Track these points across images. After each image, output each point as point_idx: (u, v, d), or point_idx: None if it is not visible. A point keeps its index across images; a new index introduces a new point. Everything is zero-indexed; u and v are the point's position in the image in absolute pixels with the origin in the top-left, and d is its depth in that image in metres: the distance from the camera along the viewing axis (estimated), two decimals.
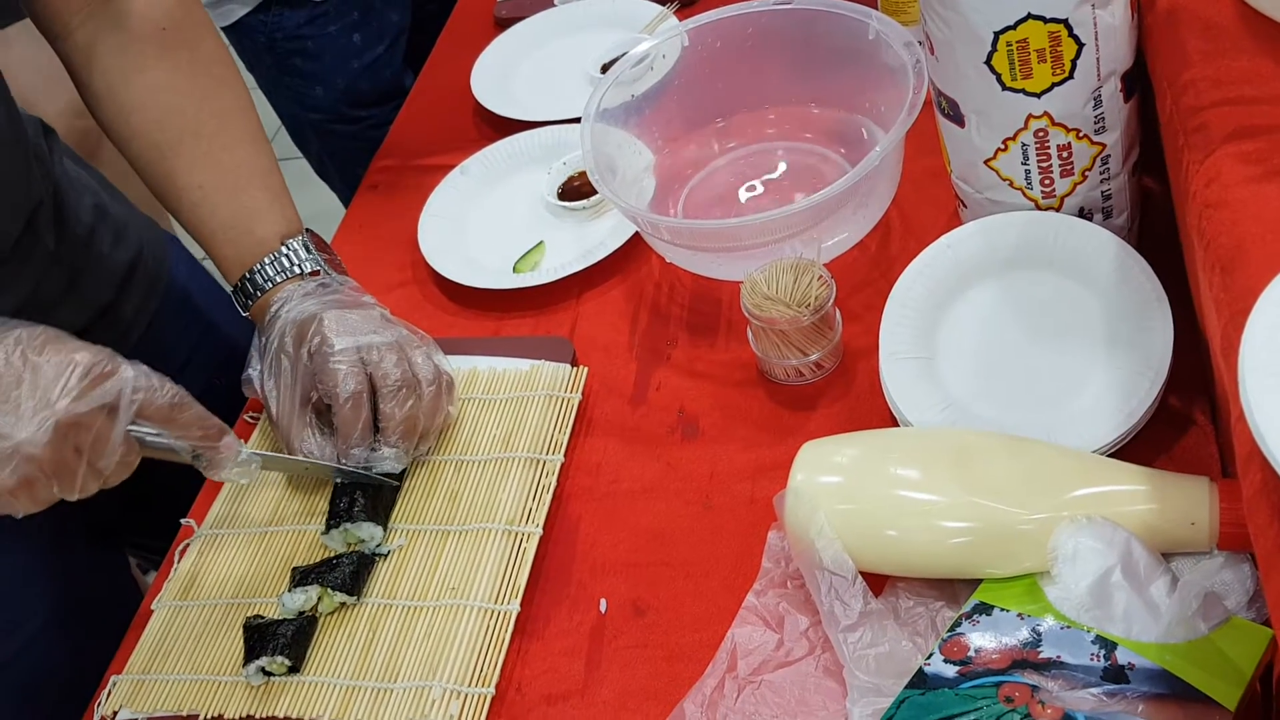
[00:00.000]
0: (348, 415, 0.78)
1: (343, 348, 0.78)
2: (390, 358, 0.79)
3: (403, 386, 0.79)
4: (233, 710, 0.74)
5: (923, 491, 0.67)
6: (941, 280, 0.78)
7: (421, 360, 0.81)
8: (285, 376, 0.80)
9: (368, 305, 0.83)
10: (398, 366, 0.79)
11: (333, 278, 0.85)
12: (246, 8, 1.36)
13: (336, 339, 0.79)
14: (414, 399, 0.79)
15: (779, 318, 0.80)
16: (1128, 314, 0.72)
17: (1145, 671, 0.57)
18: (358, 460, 0.79)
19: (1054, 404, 0.72)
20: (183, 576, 0.83)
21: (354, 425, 0.78)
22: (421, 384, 0.80)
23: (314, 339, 0.79)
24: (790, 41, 0.96)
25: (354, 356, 0.78)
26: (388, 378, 0.79)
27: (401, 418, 0.79)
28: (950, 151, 0.80)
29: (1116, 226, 0.77)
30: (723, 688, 0.67)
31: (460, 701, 0.70)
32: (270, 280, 0.84)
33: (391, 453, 0.79)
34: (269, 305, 0.83)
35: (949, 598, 0.67)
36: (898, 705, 0.60)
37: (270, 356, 0.81)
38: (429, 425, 0.81)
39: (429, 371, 0.81)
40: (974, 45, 0.70)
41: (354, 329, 0.79)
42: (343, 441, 0.79)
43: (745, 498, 0.77)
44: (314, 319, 0.80)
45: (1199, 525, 0.62)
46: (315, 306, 0.81)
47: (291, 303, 0.82)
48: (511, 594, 0.75)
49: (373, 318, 0.81)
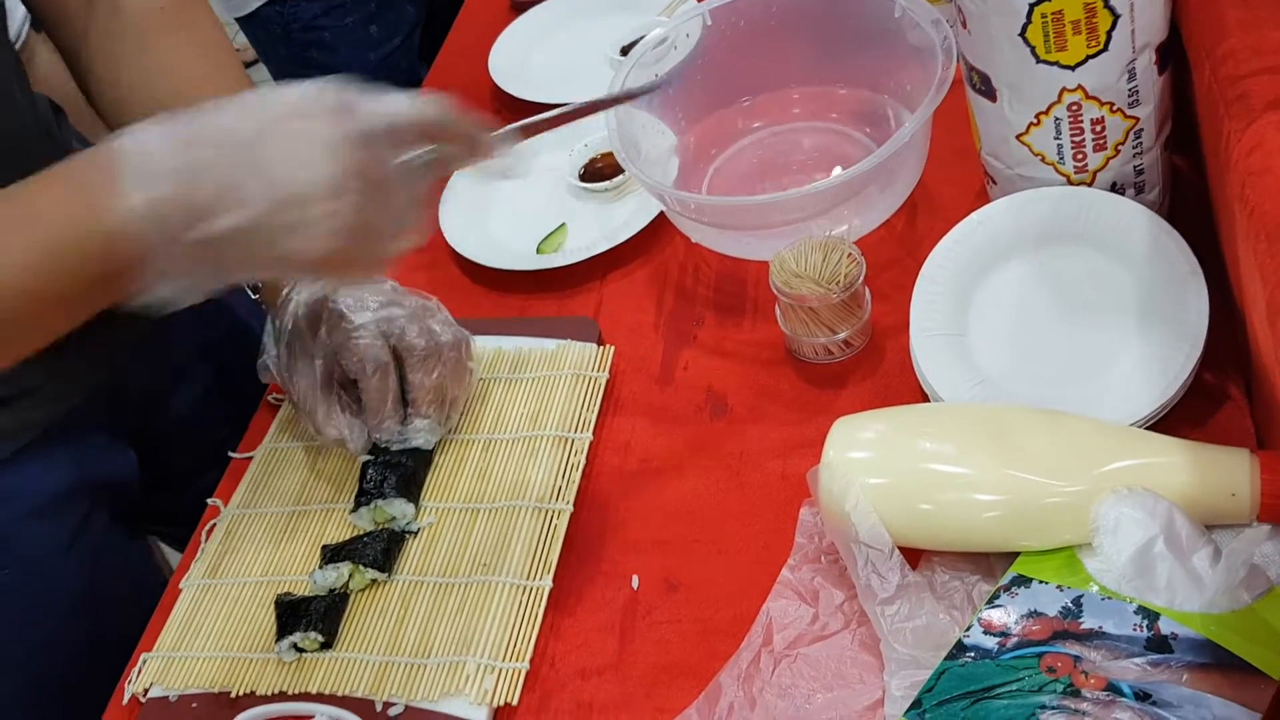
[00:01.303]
0: (376, 387, 0.78)
1: (363, 322, 0.79)
2: (412, 328, 0.79)
3: (429, 355, 0.79)
4: (265, 686, 0.73)
5: (957, 465, 0.67)
6: (973, 256, 0.78)
7: (440, 327, 0.81)
8: (304, 358, 0.80)
9: (377, 280, 0.83)
10: (421, 336, 0.79)
11: None
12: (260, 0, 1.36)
13: (355, 314, 0.79)
14: (440, 366, 0.80)
15: (808, 295, 0.79)
16: (1162, 288, 0.72)
17: (1189, 641, 0.57)
18: (390, 435, 0.80)
19: (1088, 379, 0.72)
20: (210, 556, 0.83)
21: (384, 398, 0.79)
22: (444, 350, 0.80)
23: (331, 317, 0.79)
24: (814, 20, 0.96)
25: (375, 330, 0.79)
26: (413, 348, 0.79)
27: (431, 385, 0.79)
28: (980, 127, 0.79)
29: (1149, 202, 0.77)
30: (758, 661, 0.67)
31: (495, 676, 0.70)
32: None
33: (425, 424, 0.80)
34: (280, 287, 0.83)
35: (984, 572, 0.67)
36: (937, 676, 0.60)
37: (286, 339, 0.81)
38: (456, 391, 0.82)
39: (449, 336, 0.81)
40: (1008, 17, 0.70)
41: (370, 303, 0.79)
42: (373, 416, 0.79)
43: (776, 475, 0.77)
44: (327, 300, 0.80)
45: (1240, 497, 0.61)
46: (327, 286, 0.81)
47: (303, 283, 0.82)
48: (543, 570, 0.75)
49: (385, 291, 0.81)
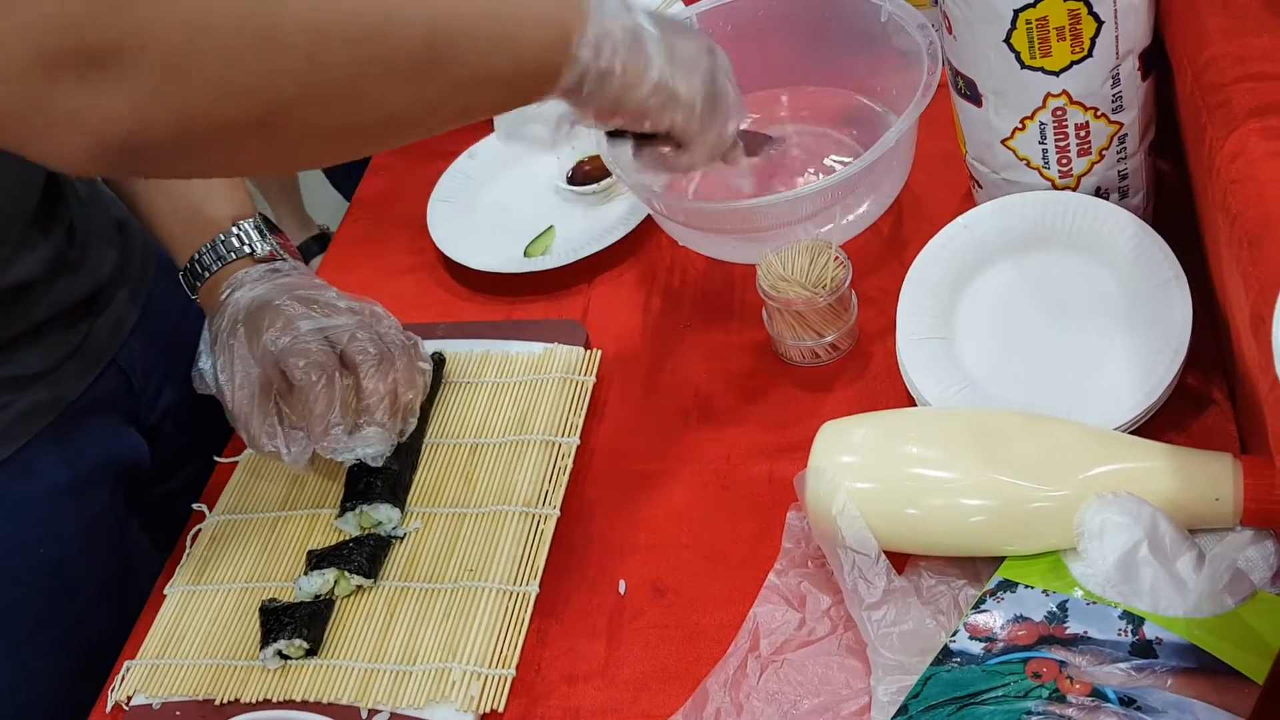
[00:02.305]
0: (320, 395, 0.75)
1: (309, 329, 0.76)
2: (361, 334, 0.77)
3: (381, 360, 0.77)
4: (249, 694, 0.73)
5: (943, 469, 0.67)
6: (959, 260, 0.78)
7: (389, 332, 0.79)
8: (240, 365, 0.77)
9: (322, 286, 0.81)
10: (371, 342, 0.77)
11: (286, 262, 0.83)
12: None
13: (300, 322, 0.76)
14: (393, 371, 0.78)
15: (795, 299, 0.80)
16: (1146, 293, 0.72)
17: (1173, 646, 0.57)
18: (334, 444, 0.76)
19: (1072, 383, 0.72)
20: (195, 561, 0.82)
21: (330, 405, 0.75)
22: (395, 353, 0.78)
23: (275, 323, 0.76)
24: (801, 24, 0.96)
25: (320, 336, 0.77)
26: (365, 352, 0.77)
27: (385, 391, 0.77)
28: (966, 132, 0.80)
29: (1133, 206, 0.77)
30: (745, 667, 0.67)
31: (481, 682, 0.70)
32: (220, 260, 0.82)
33: (377, 432, 0.77)
34: (218, 289, 0.81)
35: (971, 576, 0.67)
36: (924, 682, 0.60)
37: (222, 345, 0.78)
38: (410, 395, 0.79)
39: (399, 340, 0.79)
40: (993, 23, 0.70)
41: (315, 310, 0.77)
42: (317, 424, 0.76)
43: (763, 479, 0.77)
44: (269, 304, 0.77)
45: (1223, 501, 0.62)
46: (268, 291, 0.79)
47: (242, 288, 0.80)
48: (530, 576, 0.75)
49: (331, 298, 0.80)
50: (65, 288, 0.83)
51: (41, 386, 0.81)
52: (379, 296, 0.96)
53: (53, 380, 0.82)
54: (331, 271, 1.04)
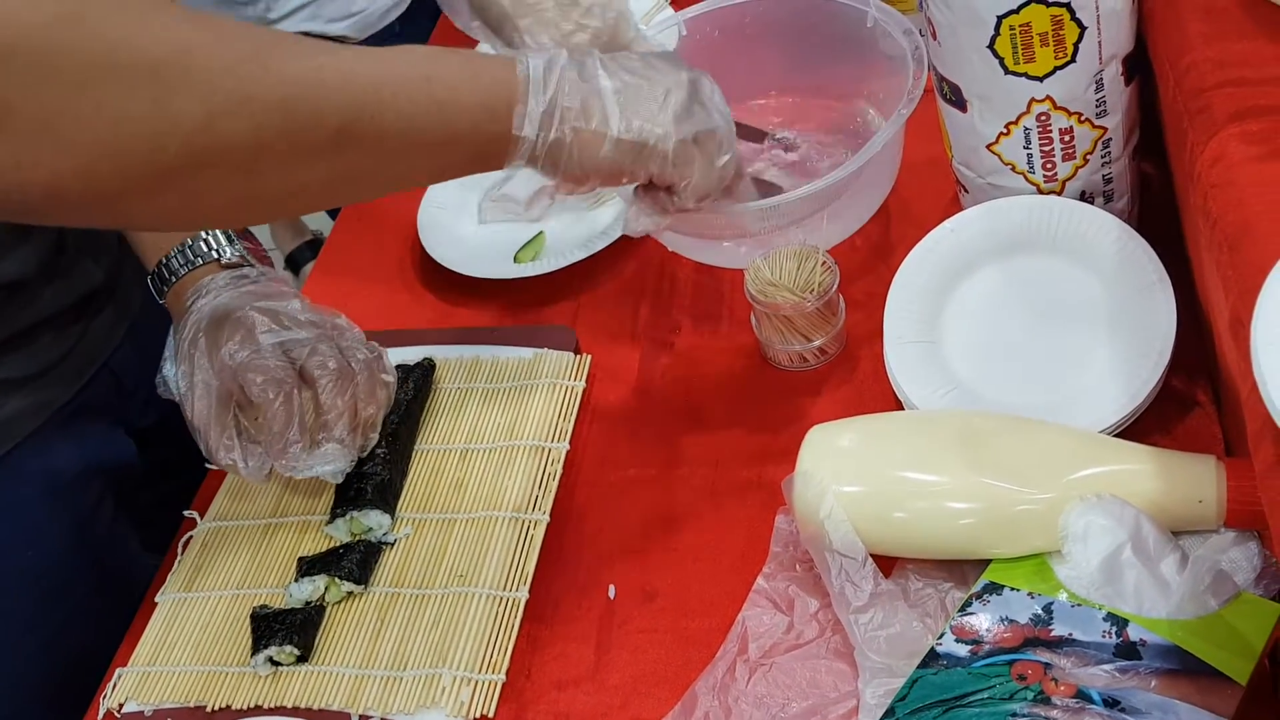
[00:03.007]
0: (278, 413, 0.74)
1: (269, 344, 0.75)
2: (321, 348, 0.76)
3: (341, 375, 0.76)
4: (240, 700, 0.73)
5: (930, 473, 0.67)
6: (945, 264, 0.78)
7: (351, 345, 0.78)
8: (201, 375, 0.76)
9: (287, 296, 0.80)
10: (331, 356, 0.76)
11: (254, 269, 0.83)
12: None
13: (261, 335, 0.75)
14: (352, 386, 0.77)
15: (783, 303, 0.80)
16: (1130, 296, 0.73)
17: (1157, 647, 0.58)
18: (293, 462, 0.75)
19: (1058, 386, 0.73)
20: (186, 568, 0.82)
21: (288, 423, 0.75)
22: (355, 368, 0.77)
23: (235, 335, 0.76)
24: (788, 29, 0.97)
25: (279, 352, 0.76)
26: (325, 367, 0.76)
27: (344, 407, 0.76)
28: (951, 137, 0.80)
29: (1117, 210, 0.78)
30: (734, 671, 0.67)
31: (471, 688, 0.70)
32: (188, 264, 0.81)
33: (336, 448, 0.76)
34: (183, 295, 0.80)
35: (958, 579, 0.68)
36: (910, 685, 0.61)
37: (184, 354, 0.78)
38: (371, 410, 0.78)
39: (362, 354, 0.78)
40: (977, 29, 0.70)
41: (276, 323, 0.76)
42: (275, 441, 0.75)
43: (751, 483, 0.78)
44: (230, 314, 0.77)
45: (1207, 503, 0.62)
46: (232, 300, 0.78)
47: (206, 296, 0.79)
48: (520, 581, 0.75)
49: (294, 310, 0.78)
50: (57, 291, 0.83)
51: (30, 390, 0.81)
52: (369, 302, 0.97)
53: (42, 384, 0.82)
54: (322, 277, 1.04)
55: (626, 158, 0.64)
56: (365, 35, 1.38)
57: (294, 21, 1.33)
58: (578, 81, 0.62)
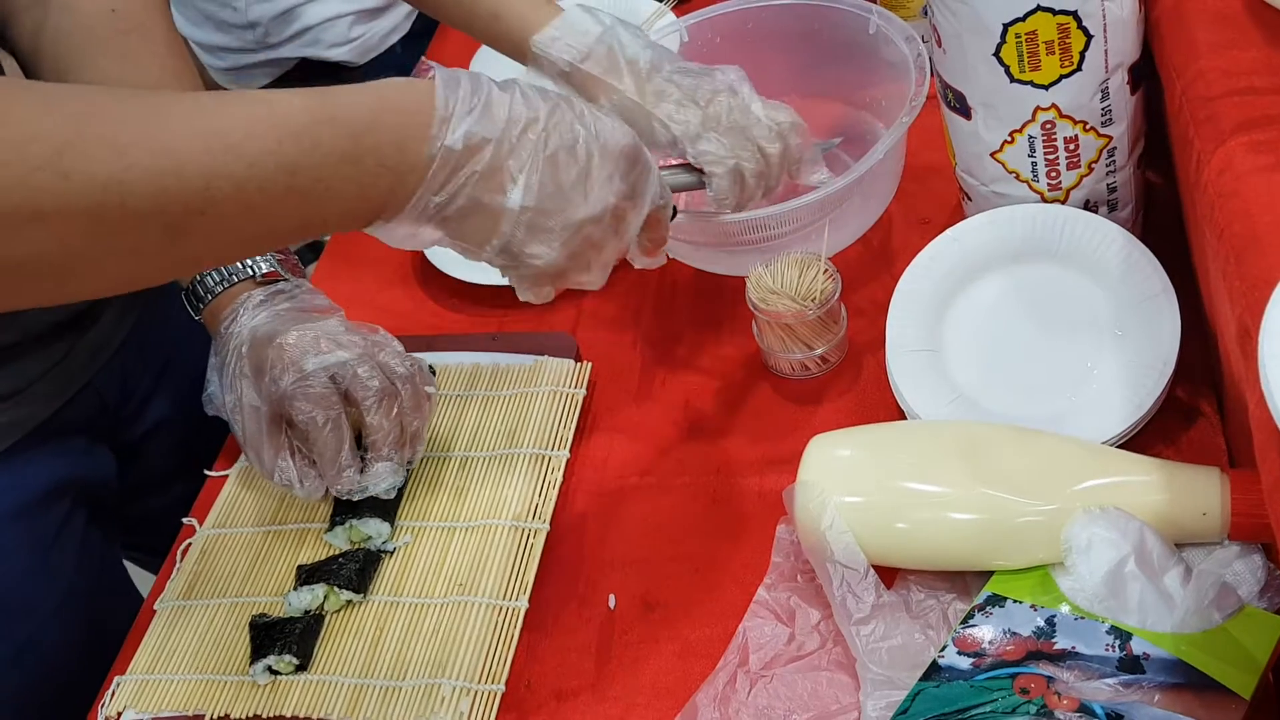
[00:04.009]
0: (328, 440, 0.75)
1: (312, 370, 0.75)
2: (363, 369, 0.76)
3: (384, 395, 0.76)
4: (239, 710, 0.73)
5: (932, 483, 0.67)
6: (948, 273, 0.78)
7: (393, 360, 0.78)
8: (248, 399, 0.77)
9: (325, 311, 0.80)
10: (374, 376, 0.76)
11: (289, 281, 0.82)
12: (269, 79, 1.33)
13: (304, 361, 0.75)
14: (397, 404, 0.77)
15: (785, 311, 0.80)
16: (1134, 306, 0.72)
17: (1160, 661, 0.57)
18: (348, 485, 0.77)
19: (1061, 396, 0.73)
20: (185, 576, 0.82)
21: (339, 450, 0.75)
22: (398, 385, 0.77)
23: (277, 364, 0.75)
24: (790, 36, 0.96)
25: (323, 378, 0.75)
26: (367, 389, 0.75)
27: (390, 426, 0.76)
28: (955, 145, 0.80)
29: (1121, 219, 0.78)
30: (735, 682, 0.67)
31: (470, 698, 0.70)
32: (222, 282, 0.81)
33: (387, 467, 0.77)
34: (220, 314, 0.80)
35: (960, 590, 0.67)
36: (912, 698, 0.60)
37: (230, 378, 0.78)
38: (417, 424, 0.78)
39: (403, 369, 0.78)
40: (983, 37, 0.70)
41: (318, 347, 0.76)
42: (329, 468, 0.76)
43: (752, 492, 0.77)
44: (271, 339, 0.76)
45: (1211, 516, 0.62)
46: (271, 322, 0.78)
47: (244, 315, 0.79)
48: (520, 590, 0.74)
49: (332, 328, 0.78)
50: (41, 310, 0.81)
51: (7, 408, 0.80)
52: (369, 308, 0.96)
53: (19, 402, 0.81)
54: (322, 283, 1.04)
55: (523, 232, 0.60)
56: (366, 59, 1.36)
57: (293, 47, 1.32)
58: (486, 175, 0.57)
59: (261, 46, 1.30)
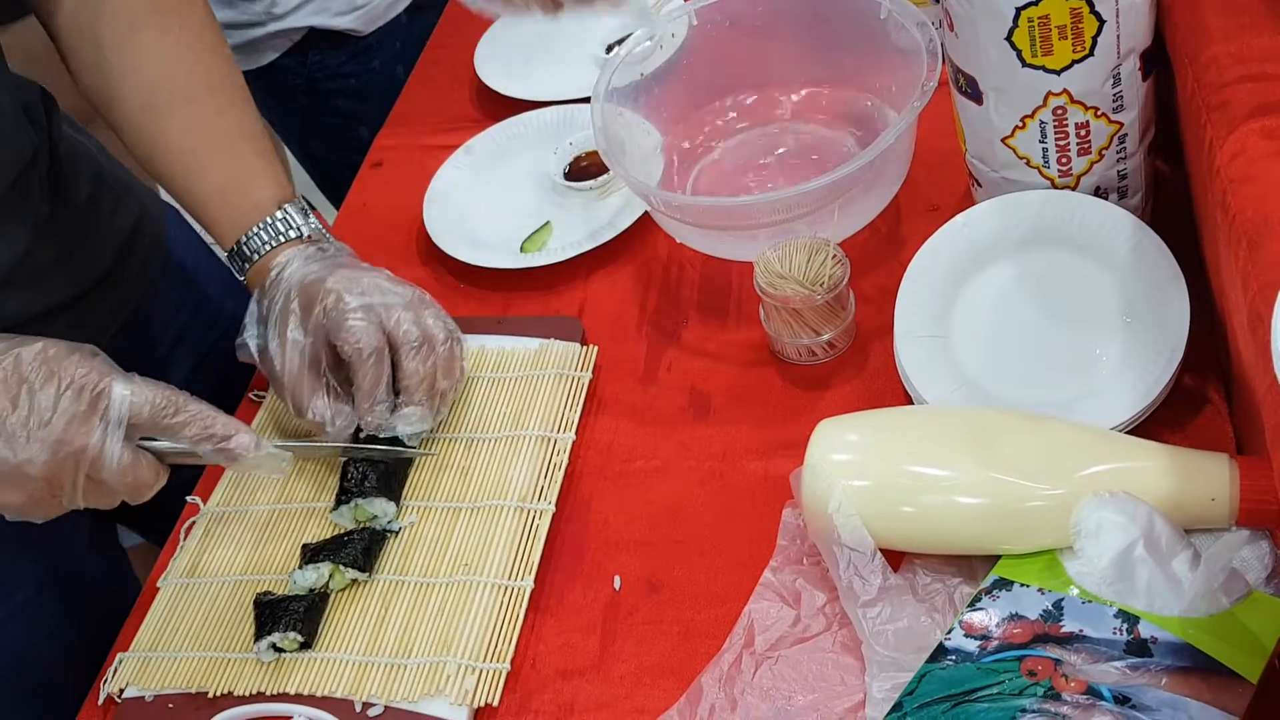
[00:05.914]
0: (370, 371, 0.77)
1: (359, 305, 0.78)
2: (406, 316, 0.79)
3: (423, 343, 0.79)
4: (243, 687, 0.73)
5: (939, 468, 0.67)
6: (957, 259, 0.78)
7: (432, 320, 0.81)
8: (293, 336, 0.79)
9: (372, 270, 0.82)
10: (415, 324, 0.79)
11: (331, 243, 0.85)
12: (278, 52, 1.33)
13: (351, 297, 0.78)
14: (433, 355, 0.79)
15: (792, 296, 0.79)
16: (1143, 292, 0.72)
17: (1168, 645, 0.57)
18: (378, 420, 0.79)
19: (1069, 382, 0.72)
20: (189, 554, 0.82)
21: (378, 382, 0.78)
22: (435, 341, 0.80)
23: (327, 298, 0.78)
24: (800, 21, 0.96)
25: (372, 314, 0.78)
26: (408, 335, 0.78)
27: (425, 374, 0.79)
28: (966, 130, 0.80)
29: (1131, 206, 0.77)
30: (740, 663, 0.67)
31: (475, 677, 0.70)
32: (269, 243, 0.83)
33: (416, 411, 0.79)
34: (268, 269, 0.82)
35: (966, 574, 0.67)
36: (919, 679, 0.60)
37: (276, 318, 0.80)
38: (446, 384, 0.81)
39: (441, 330, 0.80)
40: (995, 21, 0.70)
41: (366, 289, 0.79)
42: (365, 400, 0.78)
43: (759, 476, 0.77)
44: (322, 281, 0.79)
45: (1219, 501, 0.62)
46: (321, 269, 0.80)
47: (294, 265, 0.81)
48: (525, 570, 0.74)
49: (380, 278, 0.81)
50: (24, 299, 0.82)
51: None
52: None
53: None
54: None
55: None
56: (372, 28, 1.36)
57: (300, 15, 1.32)
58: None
59: (270, 18, 1.30)
